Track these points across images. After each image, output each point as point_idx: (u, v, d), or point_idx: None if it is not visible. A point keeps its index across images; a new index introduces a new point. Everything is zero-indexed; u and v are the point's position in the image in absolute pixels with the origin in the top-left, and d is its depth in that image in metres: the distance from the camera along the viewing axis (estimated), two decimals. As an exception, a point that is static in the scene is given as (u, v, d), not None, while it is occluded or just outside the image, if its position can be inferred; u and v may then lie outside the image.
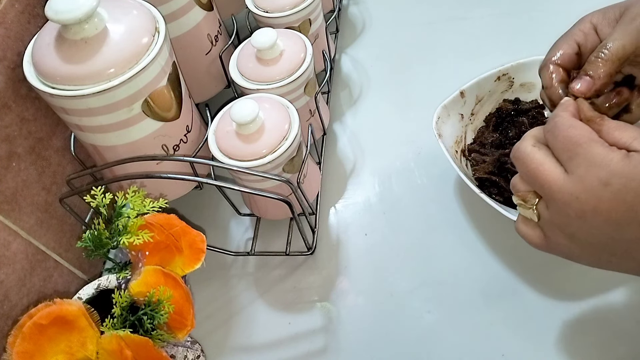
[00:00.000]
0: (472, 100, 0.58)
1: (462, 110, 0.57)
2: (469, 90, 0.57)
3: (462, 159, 0.56)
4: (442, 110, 0.56)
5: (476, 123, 0.59)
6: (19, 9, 0.48)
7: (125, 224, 0.43)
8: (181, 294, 0.42)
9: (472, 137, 0.58)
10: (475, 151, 0.57)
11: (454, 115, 0.57)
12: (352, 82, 0.72)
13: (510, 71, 0.58)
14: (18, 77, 0.47)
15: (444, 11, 0.77)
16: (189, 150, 0.52)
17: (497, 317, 0.50)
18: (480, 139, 0.57)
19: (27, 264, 0.48)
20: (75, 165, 0.55)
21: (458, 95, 0.57)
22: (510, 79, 0.59)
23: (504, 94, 0.59)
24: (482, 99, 0.58)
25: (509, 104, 0.59)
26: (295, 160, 0.51)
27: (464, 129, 0.58)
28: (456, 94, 0.57)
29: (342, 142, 0.66)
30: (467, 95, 0.57)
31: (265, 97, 0.52)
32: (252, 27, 0.65)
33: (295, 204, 0.52)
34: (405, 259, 0.55)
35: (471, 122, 0.58)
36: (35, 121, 0.50)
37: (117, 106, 0.43)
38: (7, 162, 0.47)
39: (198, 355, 0.50)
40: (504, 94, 0.59)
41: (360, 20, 0.79)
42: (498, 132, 0.57)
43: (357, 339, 0.51)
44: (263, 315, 0.54)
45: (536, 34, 0.71)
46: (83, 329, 0.39)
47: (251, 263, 0.58)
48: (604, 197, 0.36)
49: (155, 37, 0.45)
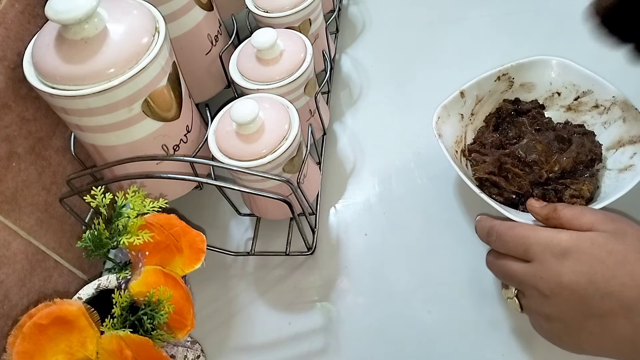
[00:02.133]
0: (472, 100, 0.58)
1: (462, 110, 0.57)
2: (468, 90, 0.57)
3: (462, 159, 0.56)
4: (442, 110, 0.56)
5: (476, 123, 0.59)
6: (19, 9, 0.48)
7: (125, 224, 0.43)
8: (181, 294, 0.42)
9: (472, 137, 0.58)
10: (475, 151, 0.57)
11: (454, 116, 0.57)
12: (352, 82, 0.72)
13: (510, 71, 0.58)
14: (18, 77, 0.47)
15: (444, 11, 0.77)
16: (189, 150, 0.52)
17: (497, 317, 0.50)
18: (481, 139, 0.57)
19: (27, 264, 0.48)
20: (75, 165, 0.55)
21: (458, 95, 0.57)
22: (510, 79, 0.58)
23: (504, 94, 0.59)
24: (482, 99, 0.58)
25: (509, 104, 0.58)
26: (295, 160, 0.51)
27: (464, 129, 0.58)
28: (456, 94, 0.57)
29: (342, 142, 0.66)
30: (467, 95, 0.57)
31: (265, 97, 0.52)
32: (252, 27, 0.65)
33: (295, 204, 0.52)
34: (405, 259, 0.55)
35: (471, 122, 0.58)
36: (35, 121, 0.50)
37: (117, 106, 0.43)
38: (7, 162, 0.47)
39: (198, 355, 0.50)
40: (503, 94, 0.59)
41: (360, 20, 0.79)
42: (498, 132, 0.57)
43: (357, 339, 0.51)
44: (263, 315, 0.54)
45: (536, 34, 0.71)
46: (83, 329, 0.39)
47: (251, 263, 0.58)
48: (564, 271, 0.39)
49: (155, 37, 0.45)
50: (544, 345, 0.47)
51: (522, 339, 0.48)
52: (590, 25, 0.42)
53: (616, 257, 0.38)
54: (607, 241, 0.39)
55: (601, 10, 0.42)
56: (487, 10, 0.76)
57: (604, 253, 0.39)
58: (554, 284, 0.39)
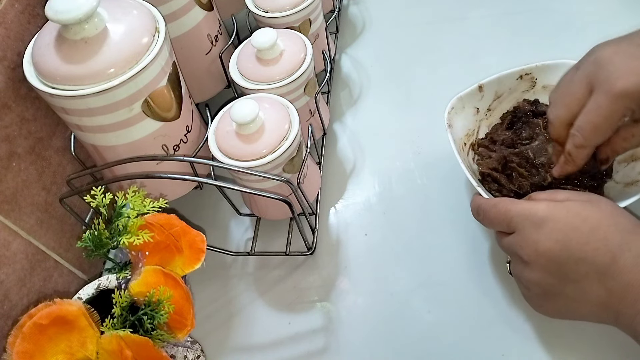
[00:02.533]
0: (491, 95, 0.57)
1: (479, 104, 0.57)
2: (488, 85, 0.56)
3: (470, 152, 0.56)
4: (457, 102, 0.55)
5: (492, 119, 0.58)
6: (19, 9, 0.48)
7: (125, 224, 0.43)
8: (181, 294, 0.42)
9: (485, 132, 0.58)
10: (484, 146, 0.56)
11: (469, 108, 0.56)
12: (352, 82, 0.72)
13: (534, 71, 0.57)
14: (18, 77, 0.47)
15: (444, 11, 0.77)
16: (189, 150, 0.52)
17: (497, 317, 0.50)
18: (493, 135, 0.57)
19: (27, 264, 0.48)
20: (75, 165, 0.55)
21: (476, 89, 0.56)
22: (533, 79, 0.57)
23: (525, 94, 0.58)
24: (502, 95, 0.57)
25: (527, 104, 0.57)
26: (295, 160, 0.51)
27: (477, 123, 0.57)
28: (474, 87, 0.56)
29: (342, 142, 0.66)
30: (485, 89, 0.56)
31: (265, 97, 0.52)
32: (252, 27, 0.65)
33: (295, 204, 0.52)
34: (405, 259, 0.55)
35: (486, 118, 0.58)
36: (35, 121, 0.50)
37: (117, 106, 0.43)
38: (7, 162, 0.47)
39: (198, 355, 0.50)
40: (524, 93, 0.58)
41: (360, 20, 0.79)
42: (512, 131, 0.56)
43: (357, 339, 0.51)
44: (263, 315, 0.54)
45: (536, 34, 0.71)
46: (83, 329, 0.39)
47: (251, 263, 0.58)
48: (540, 239, 0.41)
49: (155, 37, 0.45)
50: (544, 345, 0.47)
51: (522, 338, 0.48)
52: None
53: (590, 224, 0.40)
54: (581, 209, 0.41)
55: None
56: (487, 10, 0.76)
57: (579, 220, 0.40)
58: (531, 251, 0.41)
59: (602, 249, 0.39)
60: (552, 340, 0.48)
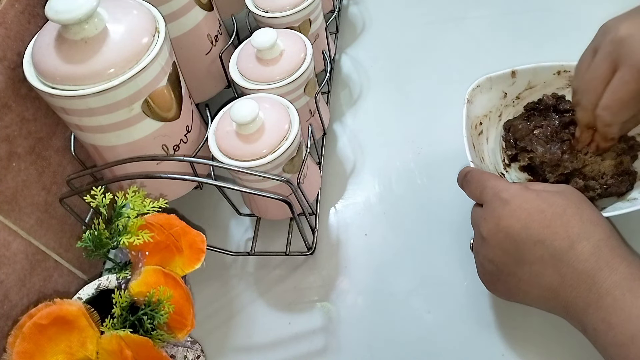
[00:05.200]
0: (524, 83, 0.57)
1: (508, 90, 0.57)
2: (522, 73, 0.56)
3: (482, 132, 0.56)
4: (486, 81, 0.55)
5: (518, 107, 0.58)
6: (19, 9, 0.48)
7: (125, 224, 0.43)
8: (181, 294, 0.42)
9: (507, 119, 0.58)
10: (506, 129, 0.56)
11: (497, 91, 0.56)
12: (352, 82, 0.72)
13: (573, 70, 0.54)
14: (18, 77, 0.47)
15: (444, 11, 0.77)
16: (189, 150, 0.52)
17: (497, 317, 0.50)
18: (511, 122, 0.57)
19: (27, 264, 0.48)
20: (75, 165, 0.55)
21: (508, 73, 0.56)
22: (571, 77, 0.56)
23: (560, 91, 0.57)
24: (535, 87, 0.57)
25: (551, 98, 0.56)
26: (295, 160, 0.51)
27: (502, 108, 0.57)
28: (507, 71, 0.56)
29: (342, 142, 0.66)
30: (518, 76, 0.56)
31: (265, 97, 0.52)
32: (252, 27, 0.65)
33: (295, 204, 0.52)
34: (405, 259, 0.55)
35: (513, 105, 0.57)
36: (35, 121, 0.50)
37: (117, 106, 0.43)
38: (7, 162, 0.47)
39: (198, 355, 0.50)
40: (559, 90, 0.57)
41: (360, 20, 0.79)
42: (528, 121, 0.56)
43: (357, 339, 0.51)
44: (263, 315, 0.54)
45: (536, 34, 0.71)
46: (83, 329, 0.39)
47: (251, 263, 0.58)
48: (503, 215, 0.41)
49: (155, 37, 0.45)
50: (544, 345, 0.47)
51: (522, 338, 0.48)
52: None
53: (555, 209, 0.40)
54: (551, 195, 0.41)
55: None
56: (487, 10, 0.76)
57: (546, 204, 0.40)
58: (493, 225, 0.41)
59: (562, 234, 0.39)
60: (552, 340, 0.48)
